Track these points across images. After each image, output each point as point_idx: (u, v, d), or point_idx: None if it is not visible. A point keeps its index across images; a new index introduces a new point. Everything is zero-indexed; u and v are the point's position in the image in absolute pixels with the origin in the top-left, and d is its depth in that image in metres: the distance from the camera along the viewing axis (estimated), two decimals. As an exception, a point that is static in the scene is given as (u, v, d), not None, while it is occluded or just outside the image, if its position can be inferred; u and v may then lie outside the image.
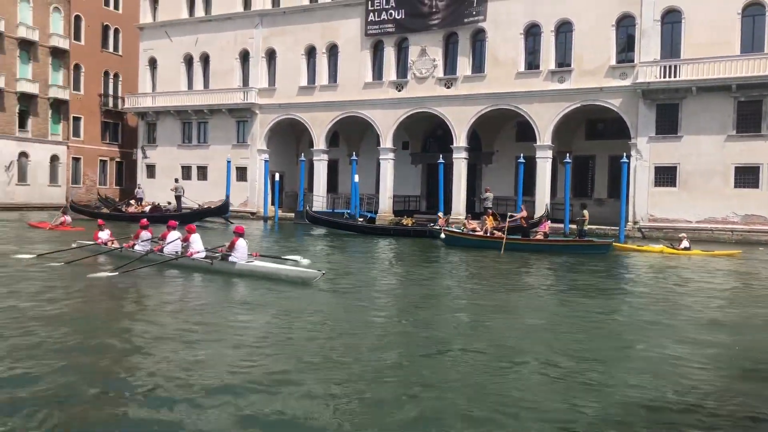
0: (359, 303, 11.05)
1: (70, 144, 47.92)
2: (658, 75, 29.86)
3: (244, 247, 13.68)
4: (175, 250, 14.79)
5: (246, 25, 41.07)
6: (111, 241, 16.89)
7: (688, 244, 22.09)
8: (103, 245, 16.60)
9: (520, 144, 35.49)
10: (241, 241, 13.62)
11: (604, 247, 21.34)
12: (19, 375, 6.40)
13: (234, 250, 13.58)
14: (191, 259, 14.14)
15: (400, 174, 38.28)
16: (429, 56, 35.60)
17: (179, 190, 35.78)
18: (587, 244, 21.70)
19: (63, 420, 5.32)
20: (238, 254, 13.56)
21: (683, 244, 22.03)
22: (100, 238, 17.02)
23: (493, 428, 5.37)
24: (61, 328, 8.47)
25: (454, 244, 22.24)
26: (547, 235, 22.57)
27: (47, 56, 46.01)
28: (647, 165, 30.52)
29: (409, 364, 7.22)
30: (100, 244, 16.71)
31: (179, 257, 14.42)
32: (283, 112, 40.04)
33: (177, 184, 36.90)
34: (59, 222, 25.37)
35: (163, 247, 14.93)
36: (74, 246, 16.80)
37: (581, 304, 11.67)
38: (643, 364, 7.60)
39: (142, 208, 34.66)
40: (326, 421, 5.39)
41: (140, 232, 16.00)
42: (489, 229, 22.75)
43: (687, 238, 22.72)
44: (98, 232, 17.33)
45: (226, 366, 6.93)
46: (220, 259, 13.83)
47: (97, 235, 17.17)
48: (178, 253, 14.61)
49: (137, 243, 15.77)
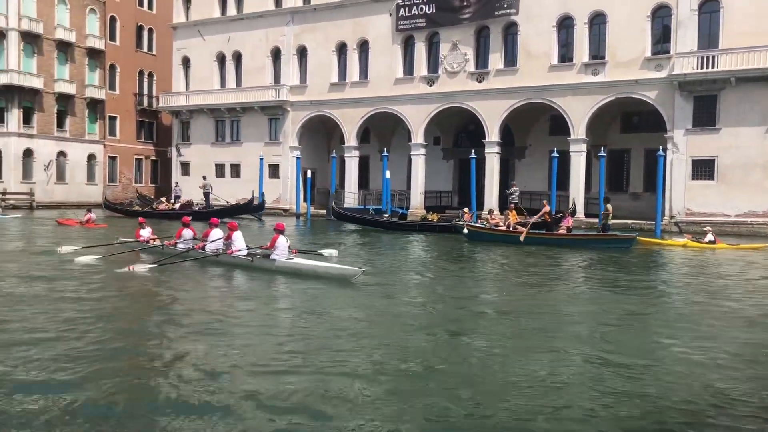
0: (391, 300, 10.99)
1: (107, 143, 48.80)
2: (695, 66, 29.24)
3: (285, 244, 13.60)
4: (216, 247, 14.74)
5: (277, 23, 41.29)
6: (153, 238, 17.00)
7: (712, 237, 21.49)
8: (145, 243, 16.71)
9: (554, 138, 35.09)
10: (281, 238, 13.52)
11: (628, 241, 20.86)
12: (61, 365, 6.51)
13: (275, 247, 13.48)
14: (232, 257, 14.08)
15: (431, 170, 38.16)
16: (460, 50, 35.38)
17: (207, 187, 36.22)
18: (610, 238, 21.25)
19: (104, 401, 5.43)
20: (278, 251, 13.46)
21: (708, 238, 21.44)
22: (141, 235, 17.11)
23: (529, 426, 5.29)
24: (101, 323, 8.60)
25: (477, 239, 22.08)
26: (570, 229, 22.19)
27: (84, 57, 46.90)
28: (684, 158, 29.93)
29: (447, 362, 7.15)
30: (142, 242, 16.81)
31: (220, 254, 14.40)
32: (314, 109, 40.20)
33: (205, 181, 37.34)
34: (85, 219, 26.41)
35: (204, 245, 14.90)
36: (117, 243, 17.06)
37: (611, 299, 11.48)
38: (680, 360, 7.42)
39: (171, 205, 35.18)
40: (363, 416, 5.37)
41: (182, 230, 16.01)
42: (512, 223, 22.54)
43: (712, 231, 22.13)
44: (140, 230, 17.41)
45: (260, 362, 6.93)
46: (261, 256, 13.77)
47: (139, 233, 17.26)
48: (219, 251, 14.57)
49: (179, 241, 15.79)
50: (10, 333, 7.91)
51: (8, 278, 12.34)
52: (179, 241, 15.78)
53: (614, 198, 34.51)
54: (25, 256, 15.97)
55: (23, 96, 43.10)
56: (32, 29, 43.05)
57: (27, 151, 43.55)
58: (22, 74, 42.55)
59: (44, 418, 5.21)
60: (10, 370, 6.35)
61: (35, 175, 43.83)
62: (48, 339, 7.59)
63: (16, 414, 5.27)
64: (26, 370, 6.36)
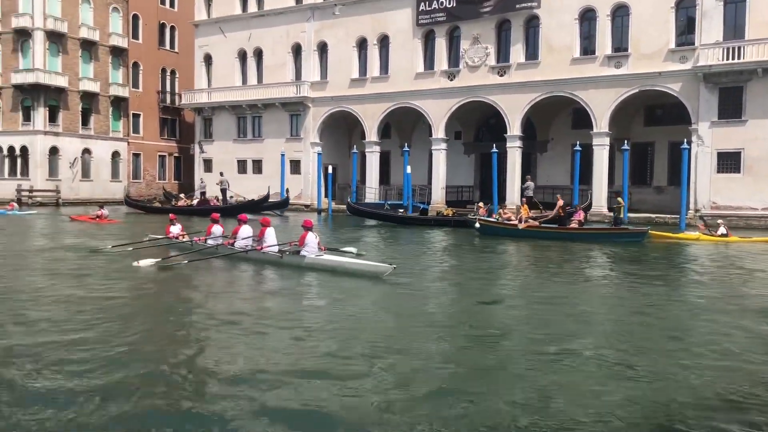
0: (417, 297, 10.92)
1: (130, 140, 49.35)
2: (720, 57, 28.81)
3: (314, 241, 13.51)
4: (246, 244, 14.68)
5: (298, 19, 41.41)
6: (182, 235, 16.95)
7: (725, 230, 21.26)
8: (174, 239, 16.71)
9: (576, 131, 34.80)
10: (310, 234, 13.45)
11: (640, 235, 20.77)
12: (94, 358, 6.62)
13: (305, 244, 13.41)
14: (261, 253, 14.06)
15: (452, 164, 38.07)
16: (481, 44, 35.21)
17: (224, 183, 36.58)
18: (622, 232, 21.19)
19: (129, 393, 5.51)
20: (308, 248, 13.40)
21: (720, 231, 21.21)
22: (171, 232, 17.02)
23: (551, 423, 5.28)
24: (129, 320, 8.64)
25: (489, 234, 22.02)
26: (582, 223, 22.16)
27: (107, 55, 47.44)
28: (709, 151, 29.53)
29: (472, 362, 7.15)
30: (171, 239, 16.77)
31: (249, 251, 14.37)
32: (335, 105, 40.28)
33: (222, 177, 37.72)
34: (96, 215, 27.17)
35: (233, 242, 14.84)
36: (146, 239, 17.11)
37: (624, 295, 11.43)
38: (701, 355, 7.36)
39: (189, 201, 35.58)
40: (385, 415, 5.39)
41: (212, 227, 15.90)
42: (524, 217, 22.52)
43: (724, 224, 21.90)
44: (170, 227, 17.27)
45: (288, 357, 6.94)
46: (290, 253, 13.72)
47: (169, 230, 17.16)
48: (248, 247, 14.51)
49: (209, 237, 15.68)
50: (29, 331, 8.02)
51: (35, 274, 12.59)
52: (209, 237, 15.69)
53: (638, 192, 34.40)
54: (52, 252, 16.13)
55: (49, 95, 43.74)
56: (57, 29, 43.64)
57: (53, 149, 44.20)
58: (47, 73, 43.17)
59: (79, 414, 5.29)
60: (27, 373, 6.36)
61: (61, 172, 44.49)
62: (73, 335, 7.66)
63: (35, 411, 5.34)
64: (57, 371, 6.40)
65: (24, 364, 6.43)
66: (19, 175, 43.98)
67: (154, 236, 17.53)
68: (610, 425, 5.17)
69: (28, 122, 43.89)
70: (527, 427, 5.10)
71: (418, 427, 5.05)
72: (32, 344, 7.14)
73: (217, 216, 16.59)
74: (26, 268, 13.33)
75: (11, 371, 6.25)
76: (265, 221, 14.64)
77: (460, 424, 5.11)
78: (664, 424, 5.23)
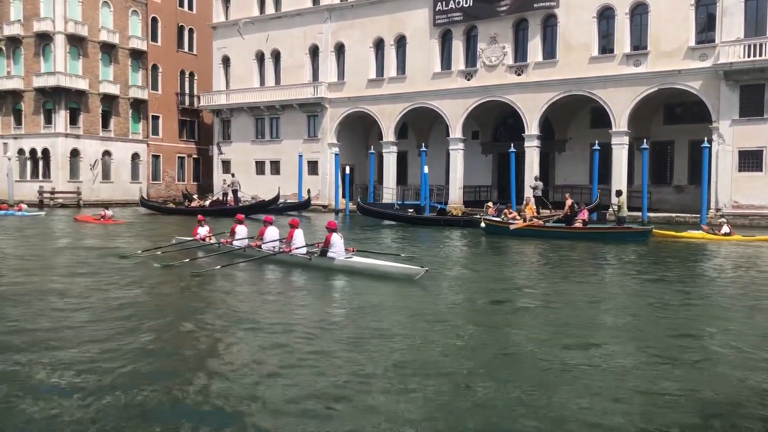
0: (442, 300, 10.81)
1: (150, 142, 49.80)
2: (741, 55, 28.48)
3: (340, 242, 13.27)
4: (273, 246, 14.44)
5: (315, 21, 41.55)
6: (209, 236, 16.67)
7: (728, 229, 21.19)
8: (201, 241, 16.43)
9: (595, 130, 34.58)
10: (335, 236, 13.19)
11: (644, 234, 20.81)
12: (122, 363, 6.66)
13: (330, 245, 13.15)
14: (290, 255, 13.76)
15: (470, 164, 37.98)
16: (498, 44, 35.10)
17: (235, 184, 36.85)
18: (626, 231, 21.05)
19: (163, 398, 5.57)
20: (335, 249, 13.15)
21: (723, 230, 21.17)
22: (199, 234, 16.76)
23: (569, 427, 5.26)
24: (157, 321, 8.64)
25: (493, 233, 22.11)
26: (586, 222, 22.18)
27: (127, 58, 47.91)
28: (730, 149, 29.19)
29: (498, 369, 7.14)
30: (199, 240, 16.49)
31: (277, 253, 14.06)
32: (352, 106, 40.36)
33: (233, 179, 37.97)
34: (101, 215, 27.98)
35: (261, 244, 14.55)
36: (173, 242, 17.04)
37: (630, 292, 11.44)
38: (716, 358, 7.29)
39: (202, 202, 35.97)
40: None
41: (236, 227, 15.71)
42: (528, 217, 22.67)
43: (727, 223, 21.87)
44: (197, 228, 16.97)
45: (322, 365, 6.70)
46: (318, 254, 13.45)
47: (197, 231, 16.88)
48: (276, 249, 14.27)
49: (235, 239, 15.48)
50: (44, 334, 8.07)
51: (71, 281, 12.57)
52: (235, 238, 15.49)
53: (658, 191, 34.12)
54: (82, 258, 15.83)
55: (70, 97, 44.27)
56: (78, 32, 44.17)
57: (74, 151, 44.74)
58: (68, 76, 43.70)
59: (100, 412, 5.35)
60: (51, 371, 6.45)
61: (82, 174, 45.02)
62: (114, 342, 7.52)
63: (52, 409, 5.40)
64: (84, 370, 6.47)
65: (61, 371, 6.45)
66: (41, 177, 44.58)
67: (180, 238, 17.40)
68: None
69: (49, 125, 44.46)
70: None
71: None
72: (79, 360, 6.79)
73: (242, 216, 16.43)
74: (58, 274, 12.99)
75: (39, 370, 6.35)
76: (294, 223, 14.35)
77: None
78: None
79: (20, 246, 18.80)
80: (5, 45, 45.57)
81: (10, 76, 45.34)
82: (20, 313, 8.99)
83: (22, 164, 45.48)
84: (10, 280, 12.05)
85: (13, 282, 11.84)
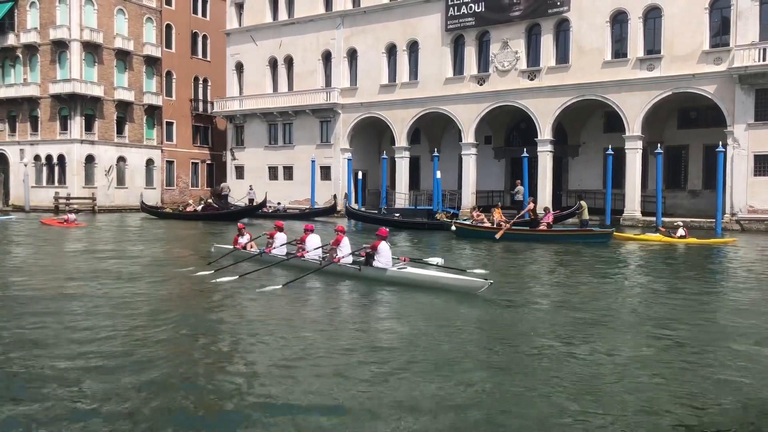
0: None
1: (164, 148, 50.12)
2: (756, 58, 28.26)
3: (389, 251, 12.51)
4: (317, 254, 13.81)
5: (328, 26, 41.71)
6: (251, 245, 15.89)
7: (684, 232, 22.27)
8: (242, 250, 15.59)
9: (608, 135, 34.41)
10: (383, 244, 12.47)
11: (605, 236, 21.84)
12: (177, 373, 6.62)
13: (377, 253, 12.40)
14: (338, 265, 12.97)
15: (482, 169, 37.93)
16: (511, 48, 35.06)
17: (225, 189, 37.45)
18: (588, 233, 22.18)
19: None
20: (383, 259, 12.37)
21: (679, 233, 22.22)
22: (239, 242, 15.92)
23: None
24: (206, 334, 8.44)
25: (464, 236, 23.16)
26: (550, 225, 23.19)
27: (141, 65, 48.29)
28: (745, 153, 28.96)
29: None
30: (240, 249, 15.65)
31: (325, 265, 13.11)
32: (364, 111, 40.44)
33: (223, 184, 39.02)
34: (65, 219, 28.89)
35: (305, 254, 13.84)
36: (212, 251, 16.50)
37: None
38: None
39: (195, 207, 36.93)
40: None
41: (275, 234, 15.00)
42: (496, 220, 23.76)
43: (683, 226, 22.91)
44: (238, 237, 16.09)
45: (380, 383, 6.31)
46: (365, 263, 12.72)
47: (237, 240, 16.03)
48: (321, 258, 13.59)
49: (274, 247, 14.75)
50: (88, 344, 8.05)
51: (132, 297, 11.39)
52: (274, 246, 14.77)
53: (672, 196, 33.91)
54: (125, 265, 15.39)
55: (85, 104, 44.67)
56: (93, 39, 44.58)
57: (89, 157, 45.10)
58: (84, 83, 44.10)
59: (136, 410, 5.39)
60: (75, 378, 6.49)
61: (97, 180, 45.37)
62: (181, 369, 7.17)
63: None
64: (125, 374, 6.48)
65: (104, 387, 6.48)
66: (56, 183, 44.96)
67: (219, 246, 16.76)
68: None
69: (65, 131, 44.88)
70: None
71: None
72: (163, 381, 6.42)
73: (282, 224, 15.65)
74: (108, 285, 12.22)
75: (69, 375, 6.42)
76: (341, 229, 13.67)
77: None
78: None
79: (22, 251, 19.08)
80: (22, 52, 46.09)
81: (26, 83, 45.83)
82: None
83: (38, 170, 45.91)
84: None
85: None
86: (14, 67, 46.76)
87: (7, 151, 47.06)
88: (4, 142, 47.15)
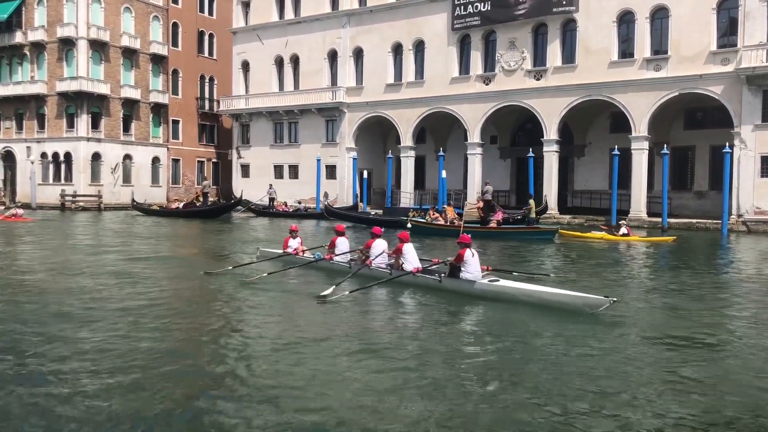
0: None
1: (170, 146, 50.23)
2: (764, 59, 28.13)
3: (476, 260, 10.79)
4: (382, 262, 12.35)
5: (334, 25, 41.72)
6: (303, 249, 14.33)
7: (626, 230, 23.28)
8: (295, 255, 14.07)
9: (615, 135, 34.31)
10: (468, 252, 10.76)
11: (550, 233, 22.90)
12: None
13: (463, 263, 10.79)
14: (414, 276, 11.34)
15: (488, 169, 37.87)
16: (517, 48, 35.00)
17: (206, 187, 37.78)
18: (534, 230, 23.38)
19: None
20: (471, 269, 10.70)
21: (621, 231, 23.19)
22: (290, 246, 14.40)
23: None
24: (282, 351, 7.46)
25: (419, 233, 23.45)
26: (500, 223, 24.43)
27: (148, 63, 48.39)
28: (752, 154, 28.84)
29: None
30: (292, 254, 14.10)
31: (397, 276, 11.57)
32: (370, 110, 40.44)
33: (205, 182, 39.77)
34: (12, 214, 29.79)
35: (371, 261, 12.32)
36: (258, 254, 15.10)
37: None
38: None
39: (179, 204, 37.67)
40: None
41: (336, 239, 13.37)
42: (449, 218, 24.72)
43: (626, 225, 24.08)
44: (288, 239, 14.56)
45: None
46: (448, 275, 11.08)
47: (287, 243, 14.49)
48: (388, 267, 12.14)
49: (335, 253, 13.23)
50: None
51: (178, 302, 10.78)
52: (336, 253, 13.22)
53: (678, 197, 33.82)
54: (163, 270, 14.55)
55: (92, 102, 44.81)
56: (100, 37, 44.70)
57: (95, 154, 45.25)
58: (90, 81, 44.24)
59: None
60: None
61: (103, 177, 45.50)
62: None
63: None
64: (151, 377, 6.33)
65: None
66: (63, 181, 45.12)
67: (266, 250, 15.30)
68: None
69: (71, 129, 45.03)
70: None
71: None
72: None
73: (342, 227, 14.05)
74: (152, 289, 11.53)
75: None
76: (404, 236, 12.02)
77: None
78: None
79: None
80: (29, 50, 46.26)
81: (33, 80, 46.01)
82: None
83: (45, 168, 46.09)
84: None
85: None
86: (21, 65, 46.96)
87: (14, 149, 47.24)
88: (11, 139, 47.35)
